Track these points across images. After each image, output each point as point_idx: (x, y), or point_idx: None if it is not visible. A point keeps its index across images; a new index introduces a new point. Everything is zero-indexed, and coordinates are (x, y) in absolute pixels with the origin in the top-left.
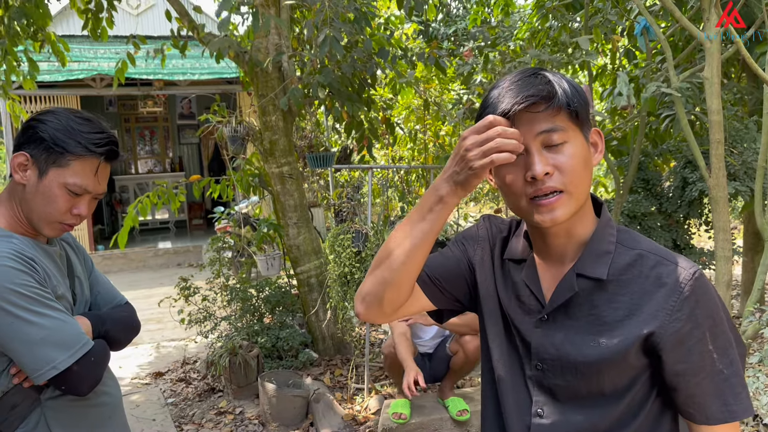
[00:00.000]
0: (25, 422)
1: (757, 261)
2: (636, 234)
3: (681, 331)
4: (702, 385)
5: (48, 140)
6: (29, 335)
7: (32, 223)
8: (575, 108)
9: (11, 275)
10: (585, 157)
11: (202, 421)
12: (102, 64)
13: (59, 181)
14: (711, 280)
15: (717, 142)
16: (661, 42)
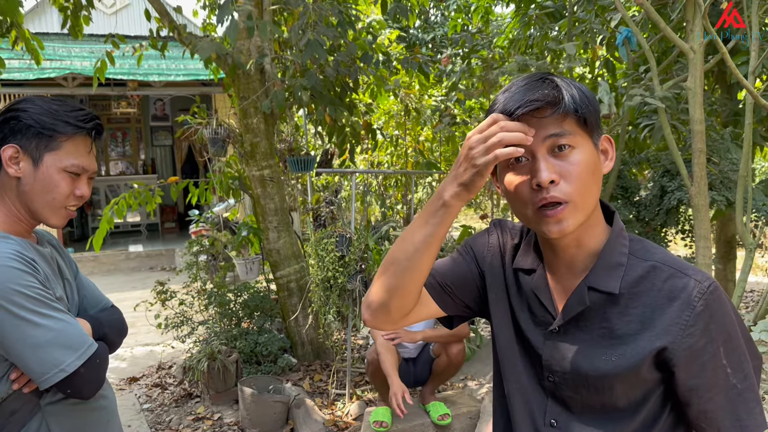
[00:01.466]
0: (26, 428)
1: (729, 269)
2: (649, 244)
3: (694, 346)
4: (715, 400)
5: (35, 126)
6: (35, 338)
7: (35, 214)
8: (583, 114)
9: (15, 276)
10: (593, 165)
11: (180, 427)
12: (75, 63)
13: (57, 166)
14: None
15: (699, 151)
16: (645, 52)
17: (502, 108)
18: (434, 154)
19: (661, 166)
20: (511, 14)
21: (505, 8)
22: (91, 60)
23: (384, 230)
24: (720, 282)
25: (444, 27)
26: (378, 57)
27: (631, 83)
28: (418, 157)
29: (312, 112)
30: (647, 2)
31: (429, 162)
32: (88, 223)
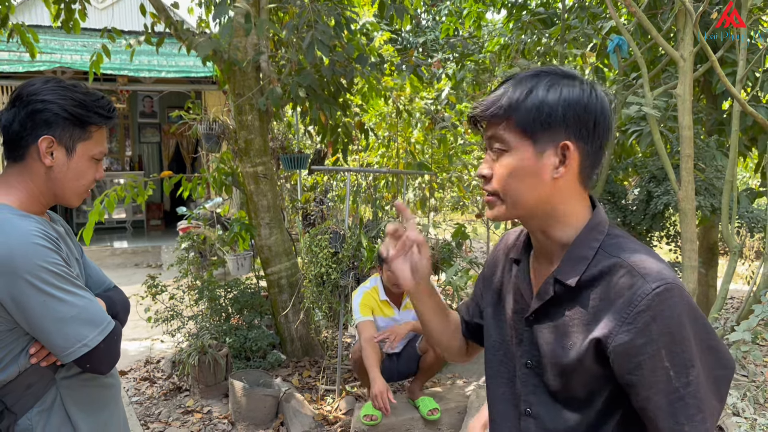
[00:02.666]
0: (41, 401)
1: (711, 274)
2: (626, 241)
3: (631, 343)
4: (653, 400)
5: (71, 118)
6: (60, 313)
7: (61, 198)
8: (520, 121)
9: (42, 253)
10: (523, 171)
11: (169, 420)
12: (66, 57)
13: (88, 155)
14: None
15: (687, 157)
16: (637, 59)
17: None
18: (424, 156)
19: (647, 172)
20: (503, 20)
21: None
22: (83, 54)
23: (374, 229)
24: (702, 287)
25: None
26: (374, 58)
27: (621, 90)
28: (409, 158)
29: (306, 111)
30: (639, 10)
31: (420, 163)
32: (72, 218)
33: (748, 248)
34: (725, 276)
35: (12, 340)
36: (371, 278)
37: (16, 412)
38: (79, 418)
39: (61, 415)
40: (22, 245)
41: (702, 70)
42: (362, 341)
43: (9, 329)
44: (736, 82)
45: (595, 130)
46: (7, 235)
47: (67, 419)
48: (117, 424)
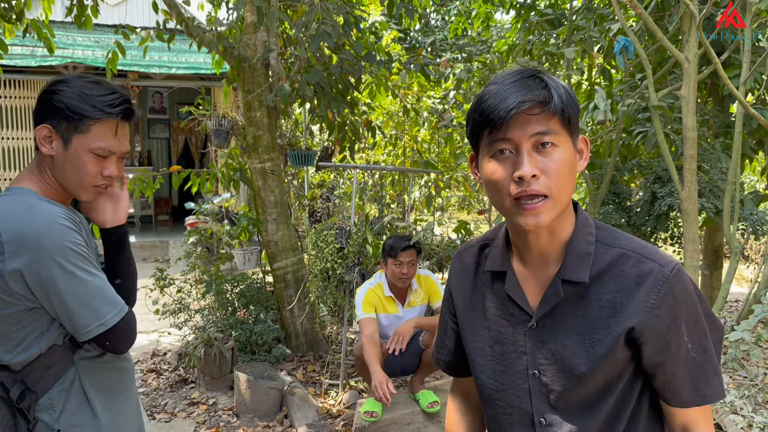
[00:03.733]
0: (60, 381)
1: (716, 277)
2: (613, 230)
3: (659, 326)
4: (677, 373)
5: (65, 109)
6: (83, 293)
7: (68, 190)
8: (569, 114)
9: (67, 234)
10: (572, 164)
11: (175, 411)
12: (77, 52)
13: (84, 148)
14: None
15: (690, 158)
16: (642, 60)
17: (495, 102)
18: (431, 155)
19: (652, 173)
20: (511, 20)
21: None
22: (95, 49)
23: (379, 225)
24: (706, 290)
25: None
26: (383, 56)
27: (627, 90)
28: (415, 156)
29: (315, 108)
30: (646, 13)
31: (427, 161)
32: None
33: (753, 252)
34: (726, 276)
35: (32, 321)
36: (376, 275)
37: (36, 391)
38: (96, 398)
39: (80, 395)
40: (48, 225)
41: (706, 72)
42: (363, 338)
43: (29, 309)
44: (739, 85)
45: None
46: (33, 215)
47: (84, 399)
48: (131, 408)
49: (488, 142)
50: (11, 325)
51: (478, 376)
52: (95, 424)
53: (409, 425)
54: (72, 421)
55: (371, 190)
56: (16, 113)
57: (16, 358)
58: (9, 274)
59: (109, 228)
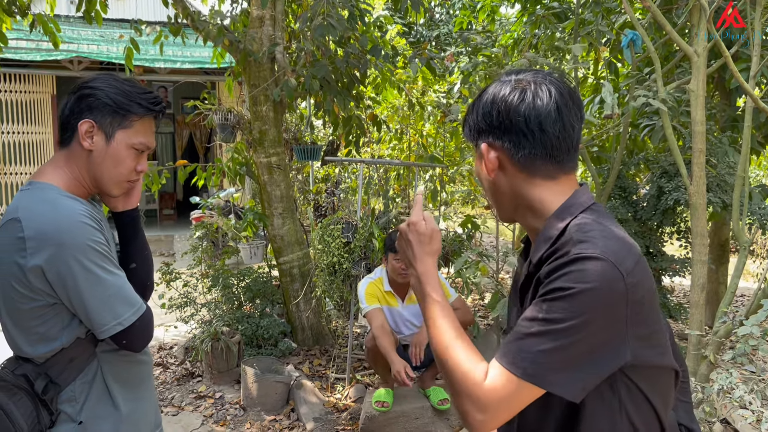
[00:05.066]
0: (84, 374)
1: (722, 271)
2: (592, 222)
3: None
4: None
5: (112, 105)
6: (102, 291)
7: (101, 185)
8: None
9: (89, 232)
10: (480, 176)
11: (182, 404)
12: (82, 46)
13: (126, 143)
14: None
15: (699, 152)
16: (650, 54)
17: None
18: (436, 149)
19: (659, 167)
20: (516, 14)
21: (510, 8)
22: (100, 43)
23: (385, 220)
24: (712, 284)
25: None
26: (388, 50)
27: (634, 84)
28: (421, 150)
29: (320, 102)
30: (654, 5)
31: (432, 156)
32: None
33: (759, 246)
34: (735, 271)
35: (53, 316)
36: (377, 269)
37: (60, 383)
38: (117, 390)
39: (101, 387)
40: (70, 223)
41: (716, 65)
42: (374, 329)
43: (50, 304)
44: (749, 78)
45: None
46: (55, 212)
47: (106, 391)
48: (150, 399)
49: None
50: (32, 319)
51: None
52: (116, 416)
53: (417, 419)
54: (94, 413)
55: (376, 184)
56: (21, 108)
57: (37, 351)
58: (30, 270)
59: (121, 210)
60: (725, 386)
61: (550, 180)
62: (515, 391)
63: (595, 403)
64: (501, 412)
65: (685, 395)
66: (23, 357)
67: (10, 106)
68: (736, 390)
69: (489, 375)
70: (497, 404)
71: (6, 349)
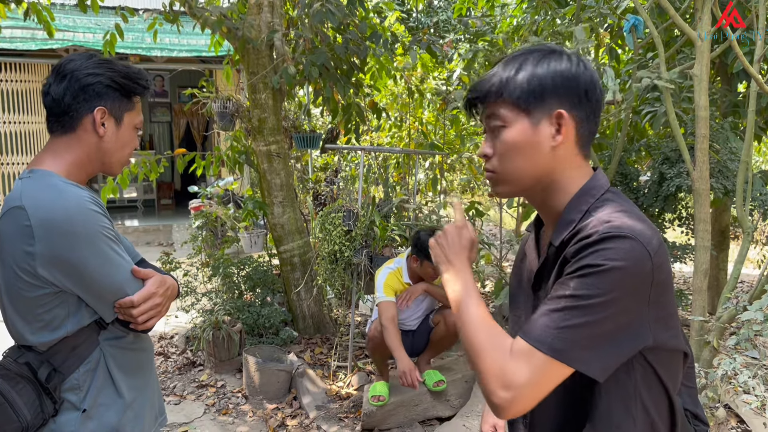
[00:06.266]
0: (87, 362)
1: (722, 258)
2: (613, 203)
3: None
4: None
5: (120, 89)
6: (114, 275)
7: (108, 168)
8: (512, 97)
9: (99, 219)
10: (523, 143)
11: (184, 393)
12: (78, 35)
13: (131, 124)
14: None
15: (703, 137)
16: (654, 38)
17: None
18: (436, 136)
19: (661, 154)
20: (516, 0)
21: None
22: (96, 32)
23: (388, 208)
24: (712, 270)
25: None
26: (387, 37)
27: (636, 70)
28: (420, 138)
29: (320, 90)
30: None
31: (432, 143)
32: None
33: (759, 232)
34: (738, 256)
35: (58, 304)
36: (396, 259)
37: (63, 372)
38: (121, 378)
39: (105, 374)
40: (79, 210)
41: (720, 50)
42: (383, 320)
43: (55, 293)
44: (753, 62)
45: (587, 98)
46: (63, 200)
47: (109, 378)
48: (152, 386)
49: None
50: (37, 307)
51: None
52: (120, 404)
53: (417, 406)
54: (97, 400)
55: (376, 172)
56: (17, 97)
57: (41, 339)
58: (38, 258)
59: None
60: (728, 371)
61: (584, 159)
62: (541, 368)
63: (611, 386)
64: (527, 390)
65: (691, 380)
66: (26, 345)
67: (6, 95)
68: (739, 375)
69: (513, 351)
70: (523, 381)
71: (6, 338)
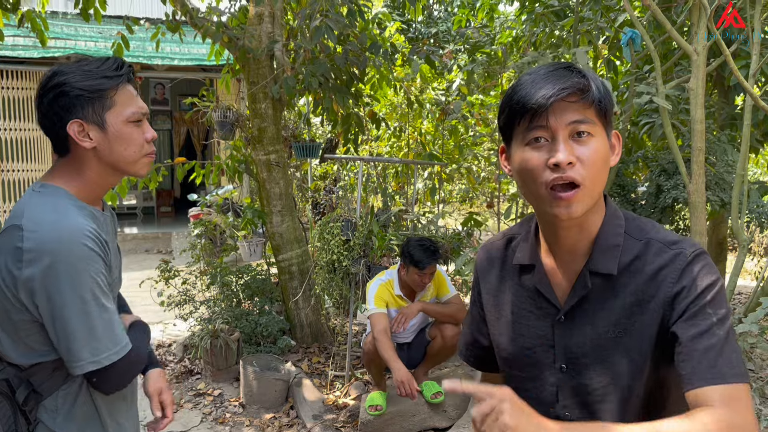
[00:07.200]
0: (67, 384)
1: (720, 269)
2: (643, 222)
3: (684, 301)
4: (696, 341)
5: (83, 94)
6: (85, 323)
7: (123, 169)
8: (605, 106)
9: (90, 258)
10: (606, 155)
11: (181, 402)
12: (80, 43)
13: (120, 120)
14: None
15: (698, 150)
16: (650, 52)
17: (531, 90)
18: (434, 147)
19: (658, 165)
20: (515, 12)
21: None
22: (98, 40)
23: (386, 217)
24: None
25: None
26: (386, 47)
27: (633, 82)
28: (419, 148)
29: (319, 100)
30: (654, 3)
31: (431, 153)
32: None
33: (756, 244)
34: (734, 269)
35: (37, 331)
36: (388, 271)
37: (42, 392)
38: (102, 402)
39: (86, 398)
40: (71, 245)
41: (715, 64)
42: (375, 333)
43: (32, 320)
44: (749, 76)
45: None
46: (60, 230)
47: (90, 402)
48: (134, 416)
49: (524, 130)
50: (20, 330)
51: (504, 369)
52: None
53: (414, 417)
54: (78, 426)
55: (375, 182)
56: (18, 104)
57: (23, 360)
58: (21, 283)
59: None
60: None
61: None
62: (748, 399)
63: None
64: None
65: None
66: (7, 360)
67: (7, 102)
68: None
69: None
70: (752, 426)
71: None
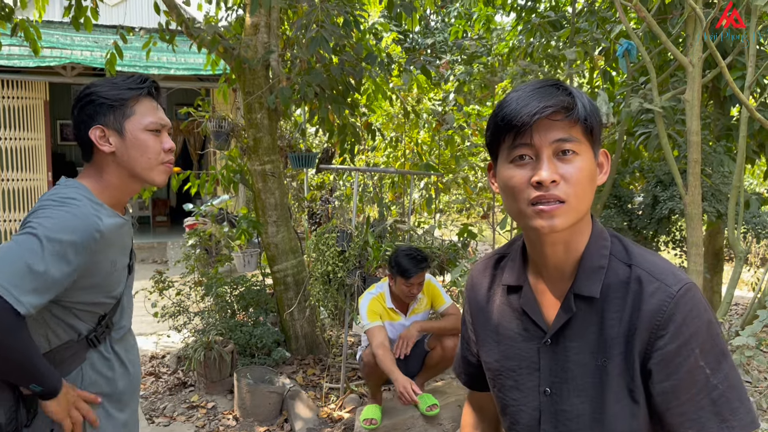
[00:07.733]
0: (67, 377)
1: (716, 280)
2: (629, 244)
3: (666, 349)
4: (695, 401)
5: (106, 102)
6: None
7: (140, 177)
8: (591, 124)
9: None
10: (591, 173)
11: (174, 415)
12: (76, 53)
13: (138, 128)
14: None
15: (695, 162)
16: (646, 63)
17: (518, 108)
18: (431, 157)
19: (654, 176)
20: (512, 23)
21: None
22: (93, 50)
23: (381, 228)
24: (706, 293)
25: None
26: (383, 58)
27: (629, 93)
28: (416, 158)
29: (315, 110)
30: (649, 15)
31: (427, 164)
32: None
33: (753, 255)
34: (731, 281)
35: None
36: (378, 284)
37: None
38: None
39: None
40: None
41: (711, 75)
42: (374, 347)
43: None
44: (744, 88)
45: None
46: (71, 206)
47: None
48: (135, 411)
49: (508, 148)
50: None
51: (491, 391)
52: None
53: (409, 430)
54: None
55: (371, 192)
56: (14, 114)
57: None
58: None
59: None
60: None
61: None
62: None
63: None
64: None
65: None
66: None
67: (3, 112)
68: None
69: None
70: None
71: None
